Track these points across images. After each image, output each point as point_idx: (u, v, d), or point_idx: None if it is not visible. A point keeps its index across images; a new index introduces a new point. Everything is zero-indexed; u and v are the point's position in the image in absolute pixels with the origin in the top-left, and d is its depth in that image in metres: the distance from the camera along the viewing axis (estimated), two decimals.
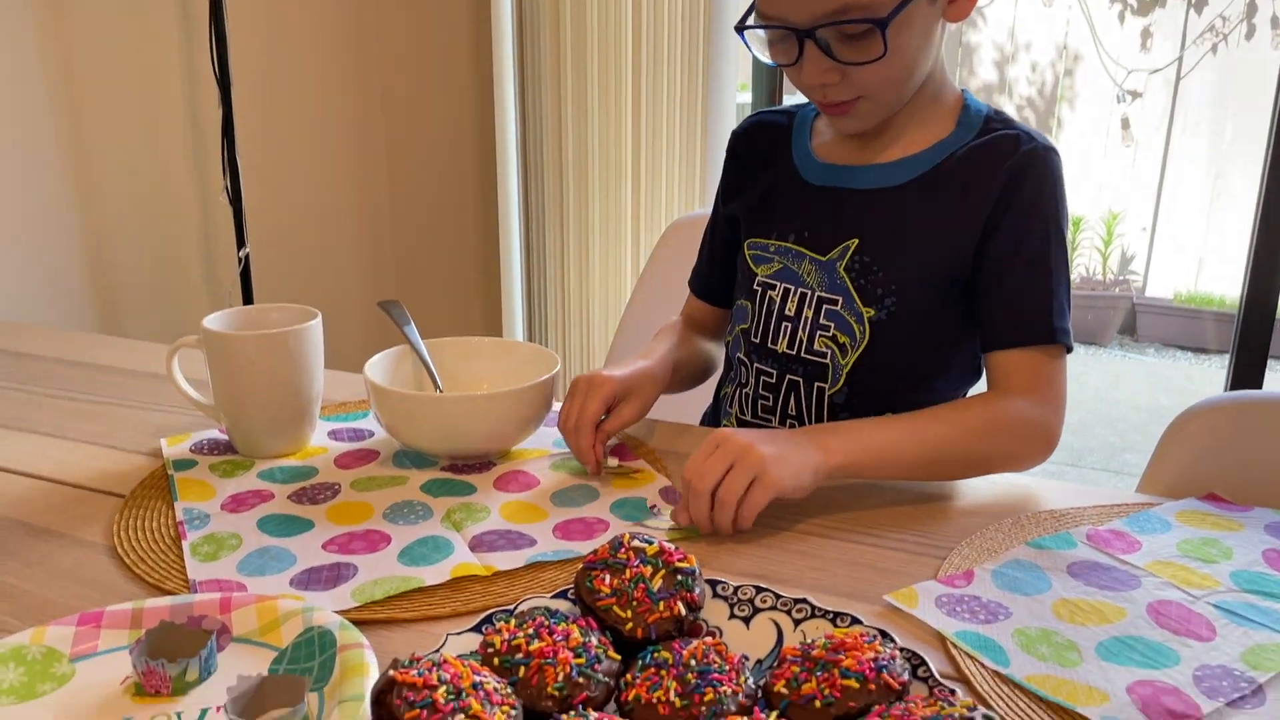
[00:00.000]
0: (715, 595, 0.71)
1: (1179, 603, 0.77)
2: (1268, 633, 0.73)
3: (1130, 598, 0.78)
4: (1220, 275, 4.20)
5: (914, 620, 0.75)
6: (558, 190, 2.26)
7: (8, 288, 1.68)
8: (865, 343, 1.03)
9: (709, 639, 0.63)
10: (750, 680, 0.61)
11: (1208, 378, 4.00)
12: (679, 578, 0.67)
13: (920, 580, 0.81)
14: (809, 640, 0.62)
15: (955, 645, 0.72)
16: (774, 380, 1.10)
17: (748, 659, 0.64)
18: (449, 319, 2.50)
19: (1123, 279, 4.51)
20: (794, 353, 1.08)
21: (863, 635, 0.61)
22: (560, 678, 0.59)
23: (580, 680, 0.59)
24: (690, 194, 2.16)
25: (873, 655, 0.59)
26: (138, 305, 1.91)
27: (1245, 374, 2.02)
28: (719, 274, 1.22)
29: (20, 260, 1.72)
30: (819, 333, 1.06)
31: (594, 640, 0.63)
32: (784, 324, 1.08)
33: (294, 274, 2.23)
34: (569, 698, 0.59)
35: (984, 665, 0.70)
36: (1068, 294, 0.99)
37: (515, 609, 0.67)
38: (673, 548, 0.69)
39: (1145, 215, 4.56)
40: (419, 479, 0.98)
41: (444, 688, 0.54)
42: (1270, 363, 2.04)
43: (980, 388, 1.05)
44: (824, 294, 1.06)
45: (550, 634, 0.62)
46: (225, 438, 1.05)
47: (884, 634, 0.63)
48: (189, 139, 1.97)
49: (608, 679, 0.61)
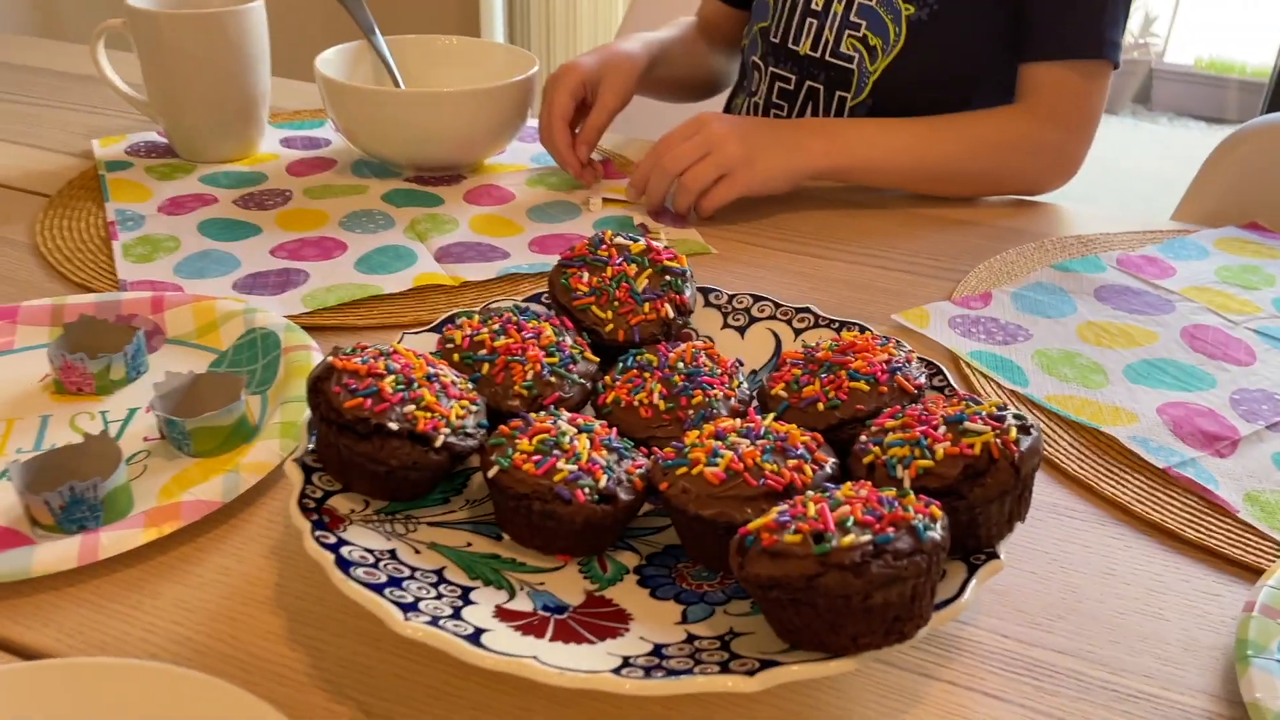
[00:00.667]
0: (708, 304, 0.63)
1: (1216, 327, 0.70)
2: None
3: (1163, 321, 0.71)
4: (1249, 41, 3.96)
5: (924, 341, 0.68)
6: None
7: None
8: (899, 47, 0.90)
9: (699, 343, 0.56)
10: (744, 385, 0.54)
11: None
12: (667, 278, 0.59)
13: (931, 302, 0.73)
14: (813, 345, 0.55)
15: (969, 365, 0.65)
16: (791, 87, 0.98)
17: (741, 364, 0.57)
18: (417, 17, 2.27)
19: (1142, 42, 4.26)
20: (817, 55, 0.95)
21: (874, 338, 0.53)
22: (529, 375, 0.52)
23: (552, 379, 0.52)
24: None
25: (885, 358, 0.51)
26: (75, 6, 1.72)
27: None
28: None
29: None
30: (848, 32, 0.93)
31: (569, 340, 0.55)
32: (809, 21, 0.95)
33: None
34: (539, 397, 0.52)
35: (1000, 385, 0.63)
36: (1125, 5, 0.86)
37: (481, 308, 0.58)
38: (661, 245, 0.61)
39: None
40: (380, 189, 0.88)
41: (392, 377, 0.46)
42: None
43: None
44: None
45: (519, 331, 0.54)
46: (165, 140, 0.94)
47: (897, 341, 0.55)
48: None
49: (584, 380, 0.53)
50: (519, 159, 0.96)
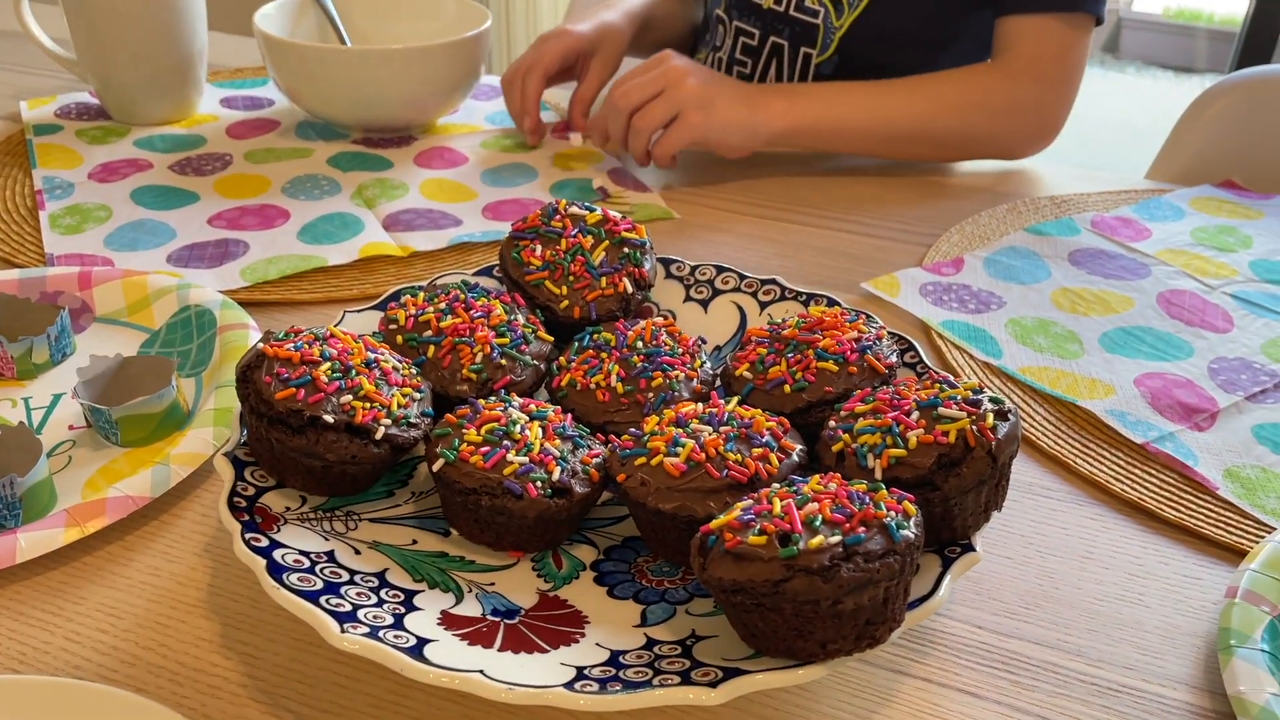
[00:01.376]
0: (669, 275, 0.60)
1: (1193, 292, 0.68)
2: None
3: (1139, 287, 0.68)
4: None
5: (895, 310, 0.66)
6: None
7: None
8: (866, 1, 0.87)
9: (659, 320, 0.53)
10: (707, 365, 0.51)
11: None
12: (626, 250, 0.56)
13: (902, 269, 0.70)
14: (781, 321, 0.52)
15: (941, 335, 0.63)
16: (754, 43, 0.94)
17: (704, 342, 0.54)
18: None
19: None
20: (781, 9, 0.91)
21: (842, 314, 0.51)
22: (478, 358, 0.49)
23: (503, 362, 0.49)
24: None
25: (855, 335, 0.49)
26: None
27: None
28: None
29: None
30: None
31: (521, 319, 0.52)
32: None
33: None
34: (488, 381, 0.48)
35: (973, 357, 0.61)
36: None
37: (427, 285, 0.55)
38: (618, 216, 0.57)
39: None
40: (326, 151, 0.84)
41: (328, 365, 0.43)
42: None
43: None
44: None
45: (468, 310, 0.51)
46: (96, 102, 0.89)
47: (867, 316, 0.53)
48: None
49: (536, 362, 0.50)
50: (473, 118, 0.92)
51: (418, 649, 0.36)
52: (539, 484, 0.42)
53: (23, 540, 0.44)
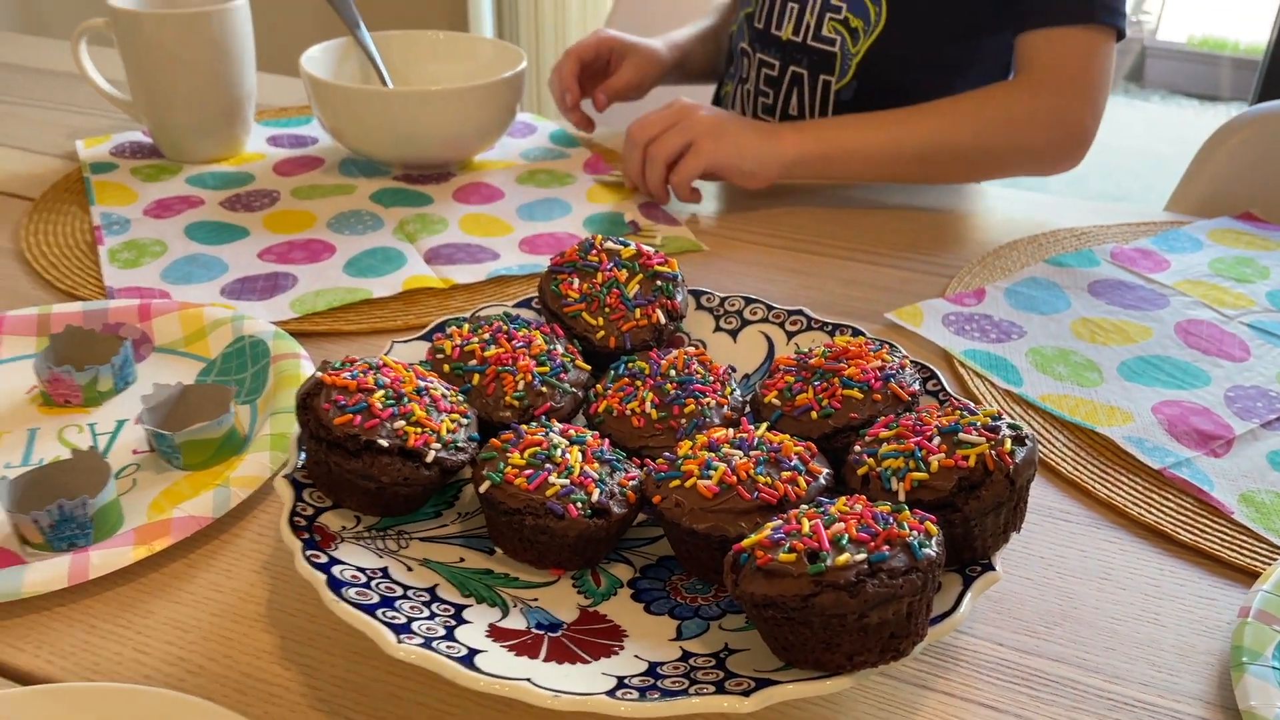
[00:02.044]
0: (700, 306, 0.63)
1: (1210, 322, 0.70)
2: None
3: (1157, 317, 0.70)
4: (1242, 18, 3.94)
5: (918, 340, 0.68)
6: None
7: None
8: (880, 27, 0.90)
9: (691, 349, 0.55)
10: (737, 392, 0.53)
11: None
12: (658, 283, 0.59)
13: (926, 299, 0.73)
14: (806, 351, 0.54)
15: (963, 364, 0.65)
16: (775, 73, 0.97)
17: (734, 370, 0.56)
18: (405, 11, 2.26)
19: (1134, 19, 4.25)
20: (799, 39, 0.94)
21: (866, 344, 0.53)
22: (520, 386, 0.51)
23: (543, 389, 0.52)
24: None
25: (879, 364, 0.51)
26: (57, 1, 1.71)
27: None
28: None
29: None
30: (828, 15, 0.92)
31: (560, 348, 0.55)
32: (790, 6, 0.94)
33: None
34: (530, 408, 0.51)
35: (994, 385, 0.63)
36: None
37: (471, 315, 0.58)
38: (651, 250, 0.60)
39: None
40: (368, 188, 0.87)
41: (382, 392, 0.46)
42: None
43: None
44: None
45: (510, 340, 0.53)
46: (150, 140, 0.93)
47: (891, 345, 0.55)
48: None
49: (575, 389, 0.53)
50: (509, 155, 0.96)
51: (469, 659, 0.38)
52: (579, 505, 0.44)
53: (95, 558, 0.47)
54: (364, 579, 0.42)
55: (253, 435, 0.56)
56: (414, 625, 0.40)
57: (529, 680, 0.37)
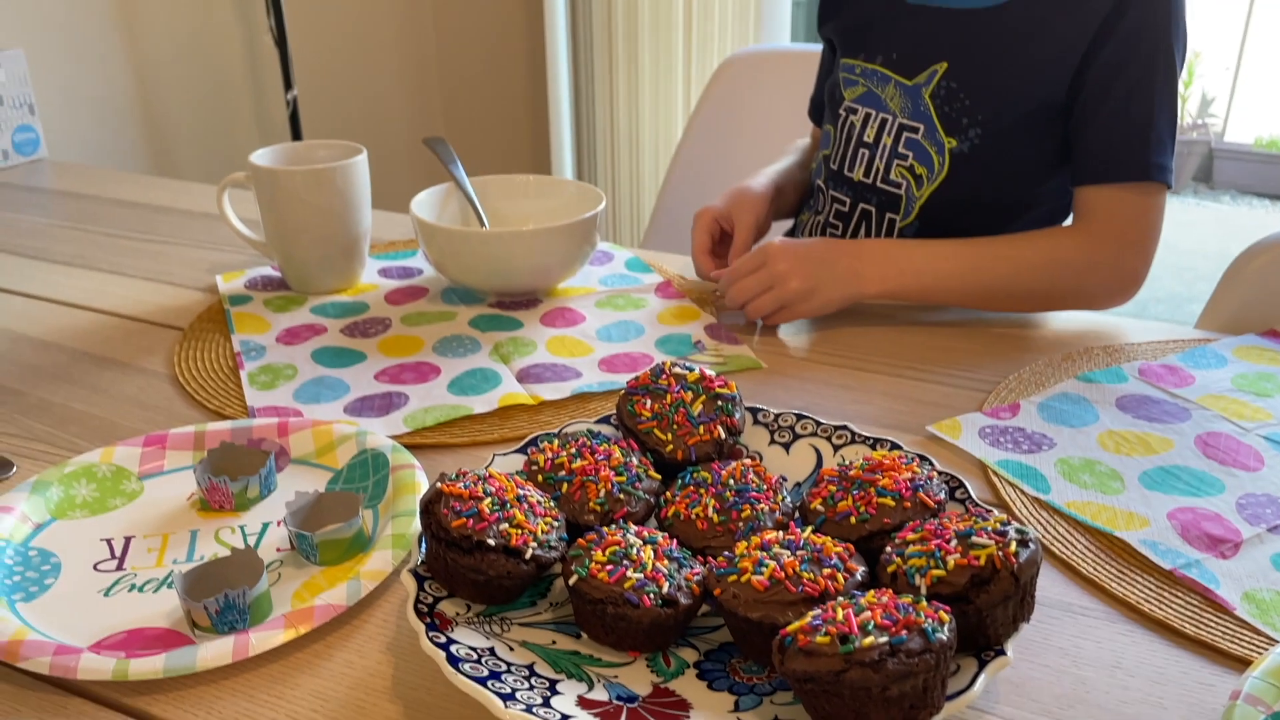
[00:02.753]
0: (756, 422, 0.72)
1: (1228, 434, 0.76)
2: None
3: (1178, 430, 0.77)
4: None
5: (956, 450, 0.76)
6: (607, 24, 2.19)
7: (61, 129, 1.70)
8: (943, 175, 1.00)
9: (748, 460, 0.64)
10: (787, 499, 0.62)
11: None
12: (719, 403, 0.68)
13: (964, 413, 0.81)
14: (847, 463, 0.63)
15: (996, 473, 0.72)
16: (846, 209, 1.08)
17: (785, 480, 0.65)
18: (496, 157, 2.47)
19: (1201, 123, 4.29)
20: (869, 181, 1.05)
21: (900, 458, 0.61)
22: (602, 494, 0.61)
23: (621, 496, 0.61)
24: (744, 30, 2.08)
25: (909, 475, 0.59)
26: (190, 146, 1.91)
27: None
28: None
29: (72, 102, 1.73)
30: (896, 161, 1.02)
31: (635, 460, 0.64)
32: (862, 151, 1.05)
33: (342, 113, 2.22)
34: (610, 512, 0.60)
35: (1024, 492, 0.70)
36: (1170, 127, 0.92)
37: (559, 432, 0.68)
38: (713, 374, 0.70)
39: (1229, 55, 4.30)
40: (467, 314, 0.99)
41: (489, 499, 0.56)
42: None
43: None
44: (905, 121, 1.02)
45: (593, 454, 0.63)
46: (278, 274, 1.07)
47: (923, 458, 0.63)
48: None
49: (648, 496, 0.62)
50: (589, 282, 1.07)
51: None
52: (652, 596, 0.53)
53: (253, 639, 0.57)
54: (475, 656, 0.51)
55: (376, 535, 0.66)
56: (517, 694, 0.48)
57: None
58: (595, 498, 0.61)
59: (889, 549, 0.54)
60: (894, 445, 0.67)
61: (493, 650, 0.52)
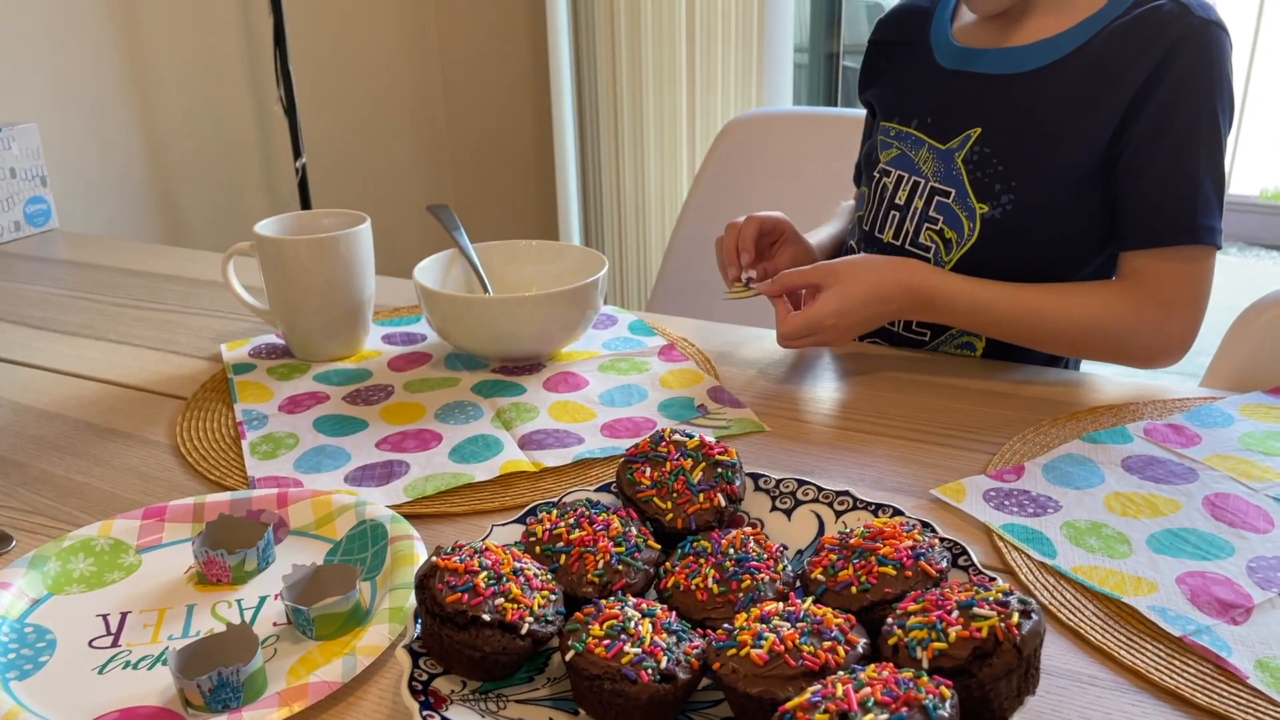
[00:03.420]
0: (757, 488, 0.71)
1: (1237, 495, 0.75)
2: None
3: (1186, 491, 0.76)
4: None
5: (961, 514, 0.75)
6: (611, 91, 2.22)
7: (73, 200, 1.72)
8: (972, 241, 0.99)
9: (748, 529, 0.63)
10: (788, 568, 0.61)
11: None
12: (719, 470, 0.68)
13: (969, 476, 0.80)
14: (848, 530, 0.62)
15: (1001, 537, 0.71)
16: None
17: (786, 548, 0.64)
18: (505, 223, 2.50)
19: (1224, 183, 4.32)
20: (899, 244, 1.05)
21: (902, 525, 0.61)
22: (600, 565, 0.60)
23: (620, 568, 0.60)
24: (747, 93, 2.11)
25: (910, 544, 0.58)
26: (200, 215, 1.94)
27: None
28: None
29: (84, 173, 1.76)
30: (926, 225, 1.03)
31: (634, 530, 0.63)
32: (893, 213, 1.06)
33: (351, 181, 2.25)
34: (608, 584, 0.60)
35: (1030, 557, 0.69)
36: (1218, 187, 0.91)
37: (558, 501, 0.68)
38: (713, 441, 0.69)
39: None
40: (470, 380, 0.99)
41: (485, 573, 0.55)
42: None
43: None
44: (937, 184, 1.02)
45: (591, 524, 0.63)
46: (282, 342, 1.07)
47: (925, 524, 0.63)
48: (242, 49, 1.97)
49: (647, 567, 0.62)
50: (592, 345, 1.07)
51: None
52: (650, 671, 0.52)
53: (247, 718, 0.56)
54: None
55: (374, 609, 0.65)
56: None
57: None
58: (593, 569, 0.60)
59: (890, 620, 0.53)
60: (896, 511, 0.66)
61: None
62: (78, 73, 1.72)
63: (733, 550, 0.61)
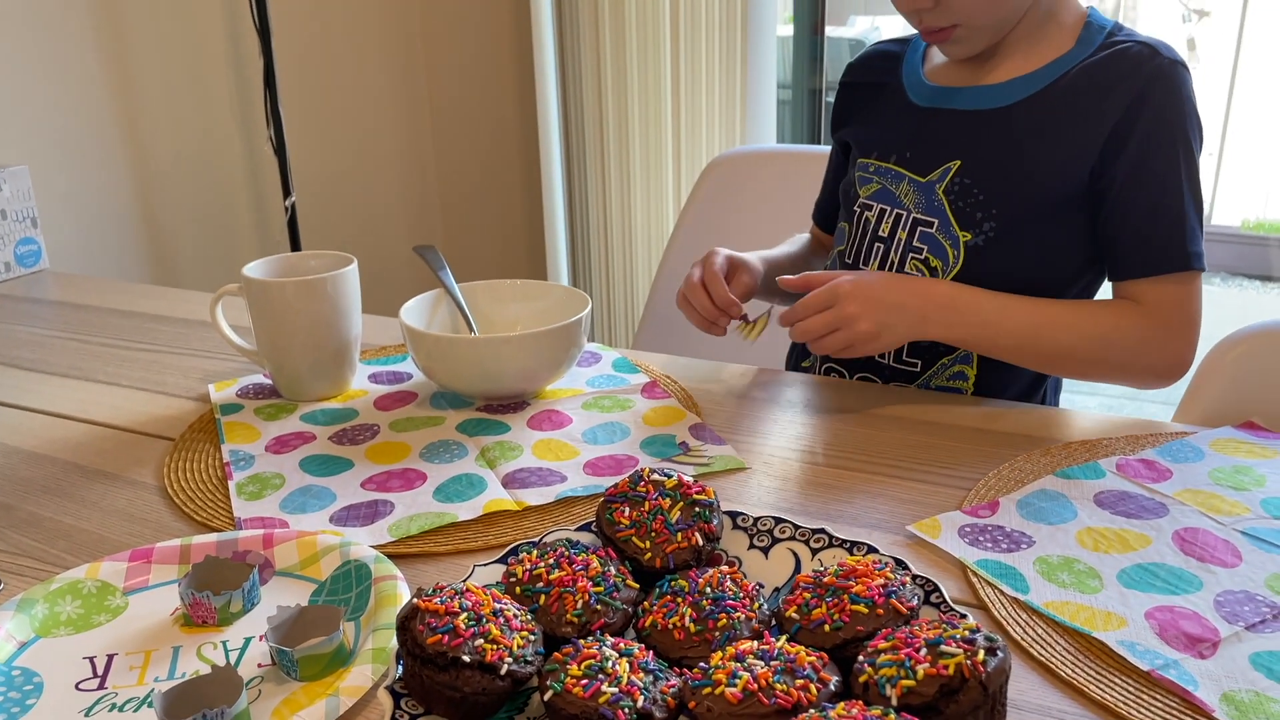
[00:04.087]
0: (735, 526, 0.72)
1: (1206, 530, 0.77)
2: None
3: (1156, 525, 0.78)
4: None
5: (936, 549, 0.76)
6: (598, 131, 2.25)
7: (64, 241, 1.74)
8: (957, 268, 1.03)
9: (725, 567, 0.65)
10: (764, 607, 0.62)
11: (1276, 306, 3.88)
12: (697, 509, 0.69)
13: (945, 511, 0.81)
14: (824, 568, 0.63)
15: (975, 573, 0.73)
16: None
17: (763, 587, 0.65)
18: (493, 263, 2.53)
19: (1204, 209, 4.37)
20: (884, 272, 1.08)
21: (875, 562, 0.62)
22: (579, 605, 0.61)
23: (598, 607, 0.61)
24: (731, 131, 2.14)
25: (882, 582, 0.60)
26: (190, 255, 1.95)
27: None
28: (834, 203, 1.23)
29: (75, 214, 1.77)
30: (911, 255, 1.05)
31: (613, 570, 0.64)
32: (876, 245, 1.08)
33: (340, 221, 2.27)
34: (587, 624, 0.61)
35: (1003, 592, 0.70)
36: (1198, 213, 0.96)
37: (539, 541, 0.69)
38: (691, 481, 0.71)
39: (1212, 140, 4.40)
40: (455, 419, 1.00)
41: (465, 614, 0.56)
42: None
43: None
44: (920, 216, 1.05)
45: (570, 564, 0.64)
46: (269, 382, 1.09)
47: (898, 562, 0.64)
48: (233, 90, 1.99)
49: (625, 606, 0.63)
50: (576, 383, 1.09)
51: None
52: (627, 710, 0.53)
53: None
54: None
55: (357, 649, 0.66)
56: None
57: None
58: (572, 609, 0.61)
59: (861, 658, 0.54)
60: (870, 549, 0.67)
61: None
62: (69, 114, 1.74)
63: (710, 589, 0.62)
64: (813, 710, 0.49)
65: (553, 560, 0.64)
